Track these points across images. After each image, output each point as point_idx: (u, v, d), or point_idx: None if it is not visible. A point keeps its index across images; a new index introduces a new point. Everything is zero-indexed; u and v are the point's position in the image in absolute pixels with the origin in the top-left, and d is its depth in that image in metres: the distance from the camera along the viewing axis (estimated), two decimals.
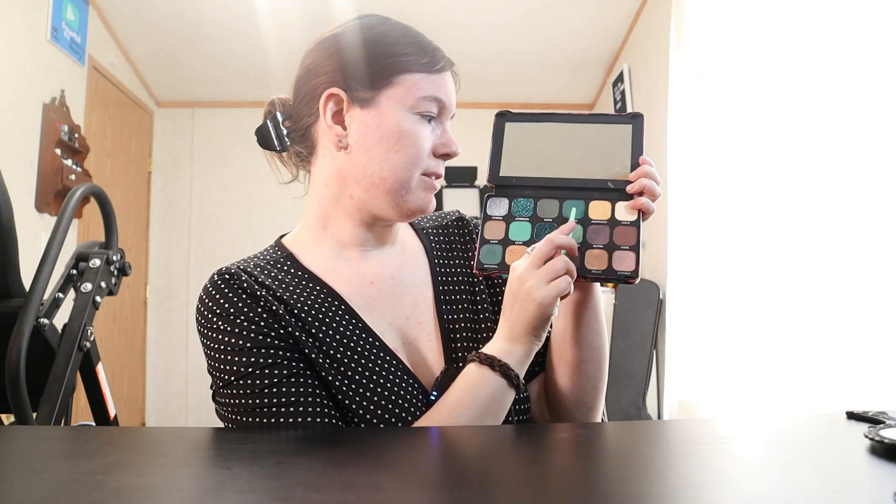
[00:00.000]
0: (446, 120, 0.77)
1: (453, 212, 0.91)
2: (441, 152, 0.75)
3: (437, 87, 0.74)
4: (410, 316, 0.77)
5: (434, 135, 0.75)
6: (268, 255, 0.78)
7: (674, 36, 2.59)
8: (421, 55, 0.74)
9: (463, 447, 0.55)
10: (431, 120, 0.74)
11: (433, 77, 0.74)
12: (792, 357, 1.86)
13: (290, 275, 0.75)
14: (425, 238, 0.85)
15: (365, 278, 0.77)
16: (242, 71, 3.80)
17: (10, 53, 2.52)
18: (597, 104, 4.16)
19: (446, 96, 0.75)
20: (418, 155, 0.73)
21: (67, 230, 1.11)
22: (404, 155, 0.72)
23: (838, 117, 1.72)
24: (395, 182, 0.73)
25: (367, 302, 0.76)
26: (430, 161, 0.74)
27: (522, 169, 0.73)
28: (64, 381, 1.08)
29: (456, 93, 0.78)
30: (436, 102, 0.74)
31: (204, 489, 0.40)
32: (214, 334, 0.68)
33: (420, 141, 0.73)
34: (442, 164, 0.76)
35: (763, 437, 0.59)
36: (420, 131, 0.73)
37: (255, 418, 0.65)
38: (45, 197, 2.70)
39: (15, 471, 0.44)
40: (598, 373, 0.75)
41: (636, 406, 2.83)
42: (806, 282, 1.83)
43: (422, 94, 0.73)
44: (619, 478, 0.43)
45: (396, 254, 0.81)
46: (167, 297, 4.01)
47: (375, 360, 0.71)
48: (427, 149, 0.73)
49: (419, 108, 0.73)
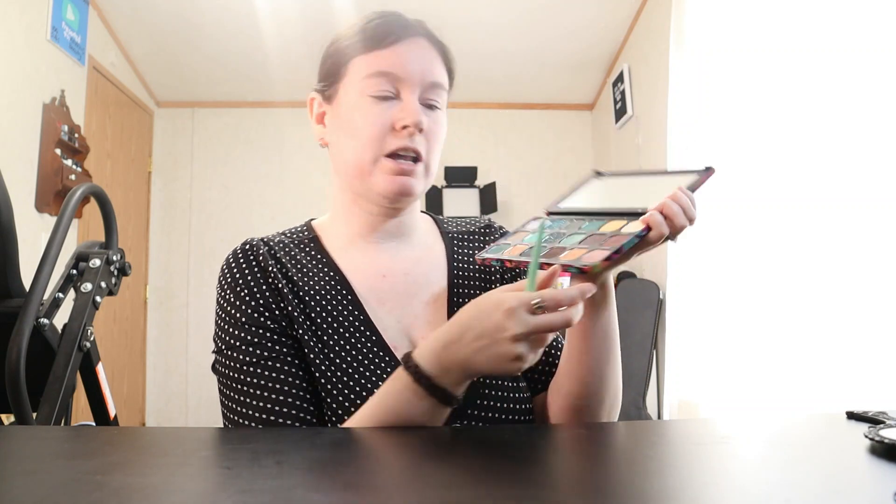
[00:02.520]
0: (411, 91, 0.72)
1: (484, 218, 0.89)
2: (399, 126, 0.70)
3: (384, 61, 0.71)
4: (420, 314, 0.76)
5: (394, 111, 0.71)
6: (296, 233, 0.81)
7: (674, 36, 2.59)
8: (364, 38, 0.72)
9: (463, 447, 0.55)
10: (390, 96, 0.71)
11: (380, 53, 0.71)
12: (792, 357, 1.86)
13: (308, 256, 0.77)
14: (448, 241, 0.84)
15: (378, 270, 0.77)
16: (242, 71, 3.80)
17: (10, 53, 2.52)
18: (597, 104, 4.16)
19: (397, 67, 0.71)
20: (370, 136, 0.71)
21: (67, 230, 1.11)
22: (358, 139, 0.72)
23: (839, 117, 1.72)
24: (356, 167, 0.73)
25: (377, 295, 0.75)
26: (390, 139, 0.71)
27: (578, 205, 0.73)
28: (64, 381, 1.08)
29: (435, 60, 0.74)
30: (385, 77, 0.71)
31: (204, 489, 0.40)
32: (221, 302, 0.72)
33: (370, 121, 0.71)
34: (409, 139, 0.71)
35: (763, 437, 0.59)
36: (371, 111, 0.71)
37: (235, 394, 0.68)
38: (45, 197, 2.70)
39: (15, 471, 0.44)
40: (607, 397, 0.72)
41: (636, 406, 2.83)
42: (806, 282, 1.83)
43: (366, 74, 0.71)
44: (619, 478, 0.43)
45: (413, 250, 0.80)
46: (167, 297, 4.00)
47: (367, 355, 0.70)
48: (381, 128, 0.71)
49: (369, 90, 0.71)
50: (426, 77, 0.73)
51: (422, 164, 0.73)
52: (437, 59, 0.76)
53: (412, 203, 0.79)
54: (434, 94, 0.74)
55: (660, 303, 2.88)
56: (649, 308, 2.91)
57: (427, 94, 0.74)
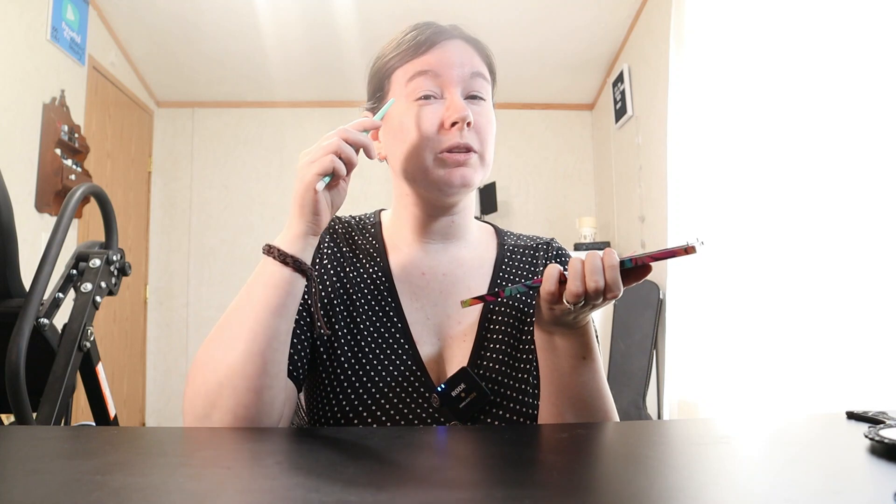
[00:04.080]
0: (454, 87, 0.74)
1: (549, 238, 0.90)
2: (449, 122, 0.73)
3: (424, 64, 0.74)
4: (452, 314, 0.79)
5: (441, 110, 0.74)
6: (367, 218, 0.88)
7: (674, 36, 2.59)
8: (403, 49, 0.76)
9: (463, 447, 0.55)
10: (433, 98, 0.74)
11: (421, 58, 0.75)
12: (792, 357, 1.86)
13: (367, 241, 0.83)
14: (502, 250, 0.86)
15: (418, 268, 0.81)
16: (242, 71, 3.80)
17: (10, 53, 2.52)
18: (597, 104, 4.16)
19: (437, 66, 0.74)
20: (420, 137, 0.73)
21: (67, 230, 1.11)
22: (409, 143, 0.74)
23: (839, 117, 1.72)
24: (416, 169, 0.75)
25: (413, 290, 0.79)
26: (441, 137, 0.73)
27: None
28: (64, 381, 1.08)
29: (473, 55, 0.77)
30: (426, 76, 0.74)
31: (204, 489, 0.40)
32: None
33: (417, 124, 0.73)
34: (459, 135, 0.73)
35: (763, 437, 0.59)
36: (417, 114, 0.73)
37: None
38: (45, 197, 2.70)
39: (15, 471, 0.43)
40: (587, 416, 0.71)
41: (636, 406, 2.83)
42: (806, 282, 1.83)
43: (407, 79, 0.74)
44: (619, 478, 0.43)
45: (459, 252, 0.82)
46: (167, 297, 4.01)
47: (388, 340, 0.75)
48: (430, 127, 0.73)
49: (413, 94, 0.74)
50: (466, 70, 0.75)
51: (476, 155, 0.74)
52: (475, 55, 0.78)
53: (468, 195, 0.81)
54: (477, 84, 0.76)
55: (660, 303, 2.88)
56: (649, 308, 2.91)
57: (470, 87, 0.76)
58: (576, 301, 0.60)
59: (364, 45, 3.43)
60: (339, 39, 3.44)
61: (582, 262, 0.61)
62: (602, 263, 0.60)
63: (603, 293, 0.59)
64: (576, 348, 0.67)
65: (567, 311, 0.62)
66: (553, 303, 0.63)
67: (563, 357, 0.68)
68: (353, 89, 4.00)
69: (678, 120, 2.55)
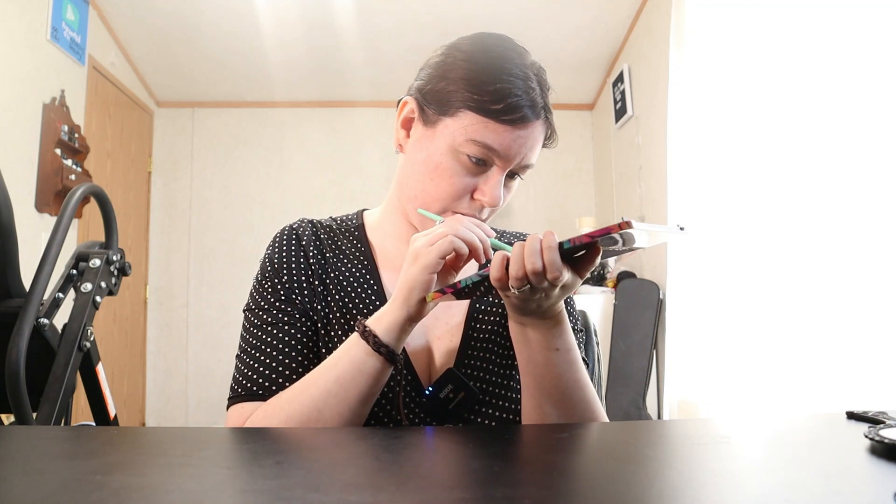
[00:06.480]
0: (503, 170, 0.71)
1: (532, 234, 0.88)
2: (476, 197, 0.72)
3: (496, 135, 0.69)
4: (440, 316, 0.79)
5: (479, 179, 0.71)
6: (347, 220, 0.87)
7: (674, 36, 2.59)
8: (492, 99, 0.68)
9: (462, 447, 0.55)
10: (481, 163, 0.70)
11: (497, 125, 0.69)
12: (792, 357, 1.86)
13: (350, 244, 0.83)
14: None
15: None
16: (242, 71, 3.80)
17: (10, 53, 2.52)
18: (597, 104, 4.16)
19: (504, 147, 0.69)
20: (448, 192, 0.72)
21: (67, 230, 1.11)
22: (435, 188, 0.72)
23: (839, 117, 1.72)
24: (420, 202, 0.74)
25: None
26: (463, 202, 0.72)
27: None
28: (64, 381, 1.08)
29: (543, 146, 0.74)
30: (485, 149, 0.69)
31: (204, 489, 0.40)
32: (261, 266, 0.81)
33: (452, 181, 0.71)
34: (478, 210, 0.73)
35: (763, 437, 0.59)
36: (457, 171, 0.71)
37: (243, 342, 0.76)
38: (45, 197, 2.70)
39: (15, 471, 0.44)
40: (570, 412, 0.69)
41: (636, 406, 2.83)
42: (806, 282, 1.83)
43: (471, 137, 0.69)
44: (619, 478, 0.43)
45: None
46: (167, 297, 4.01)
47: None
48: (459, 191, 0.71)
49: (465, 149, 0.70)
50: (524, 161, 0.72)
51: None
52: (541, 140, 0.73)
53: None
54: (523, 172, 0.75)
55: (660, 303, 2.88)
56: (649, 308, 2.91)
57: (516, 171, 0.74)
58: (519, 285, 0.59)
59: (364, 45, 3.43)
60: (339, 40, 3.44)
61: (522, 246, 0.60)
62: (540, 246, 0.59)
63: (544, 275, 0.58)
64: (548, 339, 0.67)
65: (524, 298, 0.61)
66: (503, 289, 0.62)
67: (537, 349, 0.67)
68: (353, 89, 4.00)
69: (678, 120, 2.55)
